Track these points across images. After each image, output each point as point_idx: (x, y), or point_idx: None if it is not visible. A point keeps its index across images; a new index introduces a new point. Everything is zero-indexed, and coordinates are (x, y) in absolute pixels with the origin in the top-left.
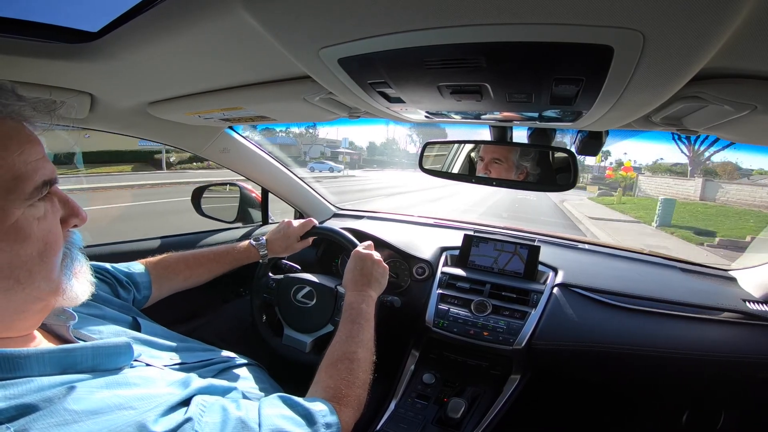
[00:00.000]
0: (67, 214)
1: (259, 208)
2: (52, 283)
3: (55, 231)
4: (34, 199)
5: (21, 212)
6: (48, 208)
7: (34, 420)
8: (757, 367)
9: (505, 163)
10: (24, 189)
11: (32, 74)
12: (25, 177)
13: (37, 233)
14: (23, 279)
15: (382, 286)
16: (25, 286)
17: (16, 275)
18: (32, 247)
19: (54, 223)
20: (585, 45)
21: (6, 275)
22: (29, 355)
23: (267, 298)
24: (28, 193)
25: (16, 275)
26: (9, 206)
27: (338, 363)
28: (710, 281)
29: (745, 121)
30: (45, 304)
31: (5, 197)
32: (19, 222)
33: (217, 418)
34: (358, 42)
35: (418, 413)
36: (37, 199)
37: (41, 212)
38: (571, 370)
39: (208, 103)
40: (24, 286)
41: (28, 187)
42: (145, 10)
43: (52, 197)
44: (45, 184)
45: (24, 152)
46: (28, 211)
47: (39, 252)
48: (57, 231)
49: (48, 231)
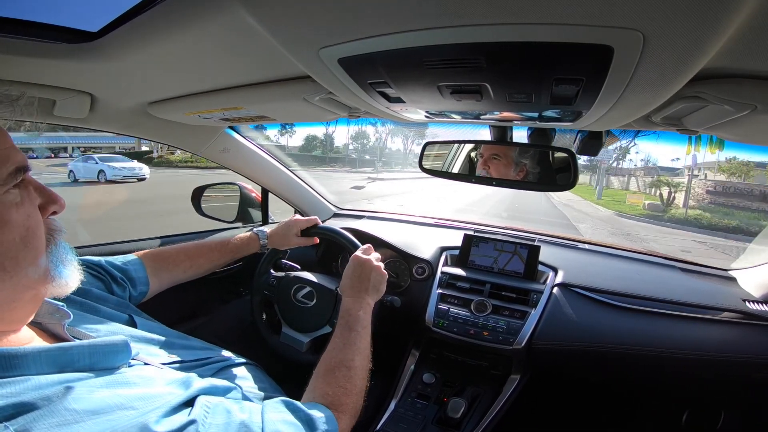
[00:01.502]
0: (44, 201)
1: (259, 208)
2: (40, 269)
3: (35, 216)
4: (9, 186)
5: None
6: (24, 195)
7: (35, 419)
8: (757, 367)
9: (504, 159)
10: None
11: (32, 74)
12: None
13: (17, 219)
14: (9, 267)
15: (379, 293)
16: (12, 275)
17: (1, 263)
18: (14, 232)
19: (32, 209)
20: (585, 45)
21: None
22: (25, 354)
23: (267, 296)
24: (2, 179)
25: (2, 263)
26: None
27: (336, 370)
28: (710, 281)
29: (745, 121)
30: (35, 293)
31: None
32: None
33: (221, 421)
34: (358, 42)
35: (418, 413)
36: (12, 186)
37: (18, 198)
38: (571, 370)
39: (208, 103)
40: (11, 275)
41: (2, 173)
42: (145, 10)
43: (27, 185)
44: (18, 170)
45: None
46: (4, 198)
47: (22, 237)
48: (37, 217)
49: (27, 216)
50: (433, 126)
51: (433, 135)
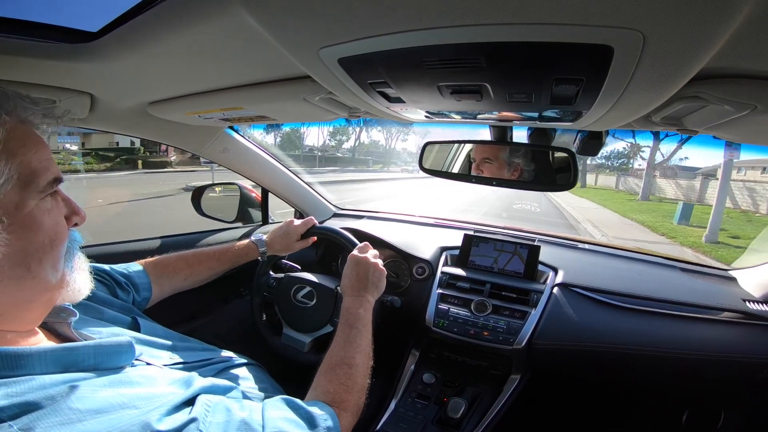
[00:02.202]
0: (69, 212)
1: (259, 208)
2: (58, 273)
3: (61, 224)
4: (45, 194)
5: (35, 203)
6: (54, 204)
7: (38, 418)
8: (757, 367)
9: (496, 162)
10: (38, 183)
11: (32, 74)
12: (39, 173)
13: (47, 224)
14: (34, 267)
15: (379, 290)
16: (35, 275)
17: (27, 263)
18: (43, 235)
19: (60, 218)
20: (585, 45)
21: (19, 262)
22: (31, 354)
23: (267, 297)
24: (42, 187)
25: (28, 263)
26: (26, 197)
27: (337, 368)
28: (710, 281)
29: (745, 121)
30: (50, 296)
31: (23, 189)
32: (32, 212)
33: (221, 419)
34: (358, 42)
35: (418, 413)
36: (47, 194)
37: (49, 206)
38: (571, 370)
39: (208, 103)
40: (34, 275)
41: (42, 181)
42: (145, 10)
43: (57, 196)
44: (54, 181)
45: (38, 152)
46: (40, 204)
47: (50, 240)
48: (63, 224)
49: (56, 222)
50: (422, 125)
51: (424, 132)
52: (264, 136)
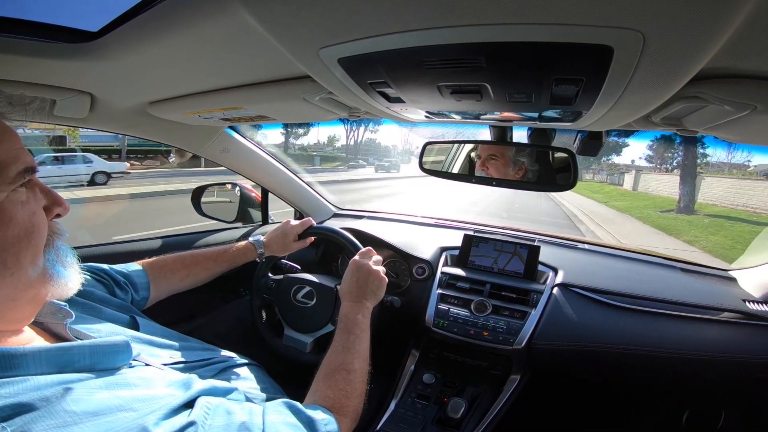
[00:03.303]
0: (49, 203)
1: (259, 208)
2: (38, 268)
3: (39, 215)
4: (17, 185)
5: (5, 195)
6: (30, 196)
7: (32, 420)
8: (757, 367)
9: (502, 159)
10: (8, 173)
11: (32, 74)
12: (7, 162)
13: (22, 216)
14: (11, 263)
15: (378, 297)
16: (13, 272)
17: (3, 258)
18: (17, 229)
19: (37, 209)
20: (585, 45)
21: None
22: (25, 354)
23: (267, 299)
24: (12, 178)
25: (4, 259)
26: None
27: (336, 373)
28: (710, 281)
29: (745, 121)
30: (36, 293)
31: None
32: (3, 205)
33: (221, 422)
34: (357, 42)
35: (418, 413)
36: (20, 184)
37: (24, 198)
38: (571, 370)
39: (208, 103)
40: (12, 272)
41: (12, 171)
42: (145, 10)
43: (33, 186)
44: (26, 170)
45: (5, 141)
46: (12, 195)
47: (26, 233)
48: (41, 216)
49: (32, 214)
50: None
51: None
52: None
